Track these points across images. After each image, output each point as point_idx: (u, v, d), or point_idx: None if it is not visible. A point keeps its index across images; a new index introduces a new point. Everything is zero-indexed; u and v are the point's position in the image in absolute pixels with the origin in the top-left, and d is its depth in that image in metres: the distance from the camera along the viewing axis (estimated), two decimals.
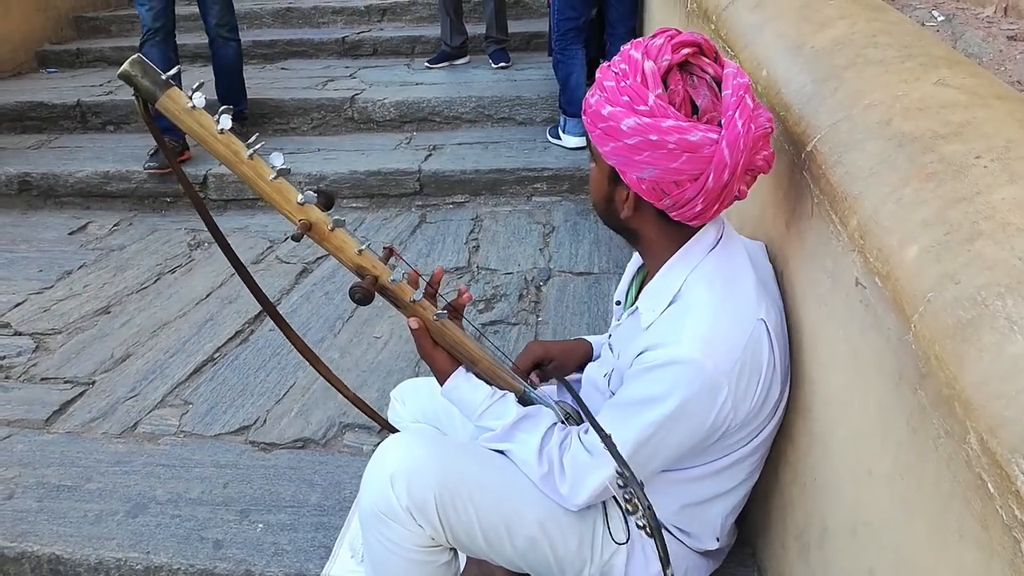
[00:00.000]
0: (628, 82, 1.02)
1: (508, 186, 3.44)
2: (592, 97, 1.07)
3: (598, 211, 1.19)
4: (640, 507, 0.90)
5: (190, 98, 1.01)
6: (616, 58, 1.07)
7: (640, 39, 1.07)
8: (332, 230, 1.07)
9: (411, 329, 1.17)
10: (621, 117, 1.01)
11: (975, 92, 1.01)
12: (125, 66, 1.00)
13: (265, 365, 2.31)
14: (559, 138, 3.64)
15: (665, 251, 1.14)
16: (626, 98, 1.01)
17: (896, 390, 0.84)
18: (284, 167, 1.04)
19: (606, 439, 1.02)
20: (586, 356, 1.46)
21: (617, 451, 1.01)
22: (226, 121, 1.02)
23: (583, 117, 1.10)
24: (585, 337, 1.50)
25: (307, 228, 1.06)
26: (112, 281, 2.90)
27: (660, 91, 1.00)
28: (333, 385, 1.34)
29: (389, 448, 1.16)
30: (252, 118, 4.08)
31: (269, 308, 1.26)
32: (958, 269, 0.77)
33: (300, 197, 1.05)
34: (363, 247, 1.10)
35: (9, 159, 3.93)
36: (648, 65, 1.01)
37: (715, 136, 0.99)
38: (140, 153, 3.79)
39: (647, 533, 0.88)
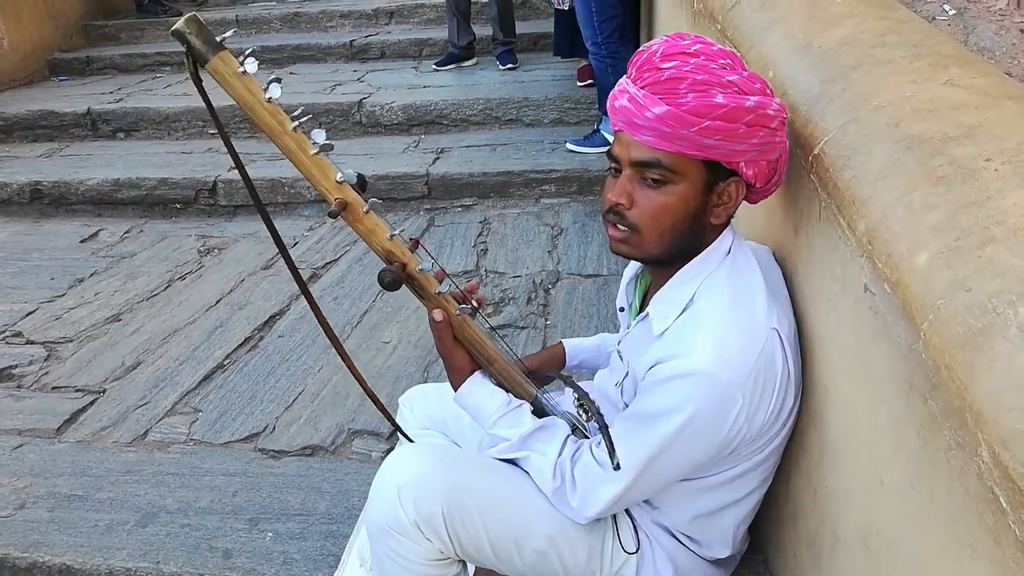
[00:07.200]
0: (746, 73, 1.05)
1: (516, 188, 3.43)
2: (715, 97, 0.99)
3: (672, 235, 1.07)
4: (591, 409, 1.07)
5: (241, 63, 0.97)
6: (698, 57, 1.02)
7: (668, 37, 1.07)
8: (367, 212, 1.06)
9: (434, 321, 1.13)
10: (767, 103, 1.03)
11: (986, 92, 0.98)
12: (179, 24, 0.95)
13: (274, 372, 2.31)
14: (590, 143, 3.41)
15: (692, 256, 1.12)
16: (758, 85, 1.04)
17: (907, 399, 0.82)
18: (327, 143, 1.01)
19: (581, 393, 1.13)
20: (562, 361, 1.45)
21: (578, 385, 1.15)
22: (275, 90, 0.99)
23: (679, 135, 1.00)
24: (563, 341, 1.48)
25: (343, 207, 1.03)
26: (123, 288, 2.91)
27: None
28: (359, 382, 1.30)
29: (396, 461, 1.15)
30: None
31: (313, 306, 1.23)
32: (969, 276, 0.75)
33: (339, 175, 1.03)
34: (395, 232, 1.08)
35: (21, 167, 3.97)
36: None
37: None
38: (150, 160, 3.82)
39: (598, 429, 1.04)
